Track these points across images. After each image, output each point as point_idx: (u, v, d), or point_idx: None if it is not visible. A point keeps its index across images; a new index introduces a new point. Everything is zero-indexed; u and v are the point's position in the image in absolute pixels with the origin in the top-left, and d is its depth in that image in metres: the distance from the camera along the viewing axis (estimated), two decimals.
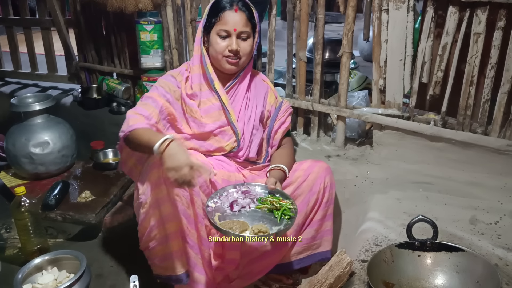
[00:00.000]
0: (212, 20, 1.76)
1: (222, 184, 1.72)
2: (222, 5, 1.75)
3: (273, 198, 1.63)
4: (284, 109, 2.00)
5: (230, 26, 1.73)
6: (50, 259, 1.87)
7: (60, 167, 2.63)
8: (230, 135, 1.83)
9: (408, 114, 2.15)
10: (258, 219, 1.57)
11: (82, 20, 3.22)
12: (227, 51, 1.75)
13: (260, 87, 1.96)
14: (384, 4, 2.05)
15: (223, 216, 1.57)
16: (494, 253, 1.60)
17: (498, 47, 1.87)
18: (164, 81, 1.81)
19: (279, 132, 1.97)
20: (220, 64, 1.79)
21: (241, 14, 1.74)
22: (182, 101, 1.80)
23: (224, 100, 1.81)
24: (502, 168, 1.98)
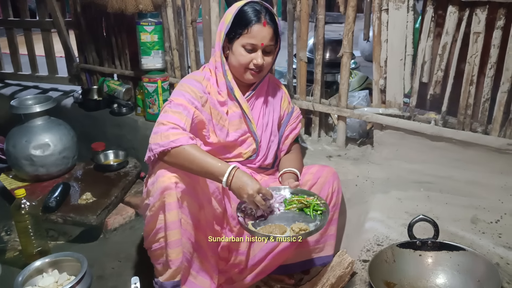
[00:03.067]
0: (237, 30, 1.69)
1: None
2: (250, 17, 1.68)
3: (299, 197, 1.63)
4: (296, 115, 2.00)
5: (258, 41, 1.67)
6: (50, 262, 1.87)
7: (61, 168, 2.63)
8: (250, 143, 1.83)
9: (409, 113, 2.15)
10: (291, 220, 1.55)
11: (83, 21, 3.22)
12: (252, 64, 1.71)
13: (276, 93, 1.95)
14: (384, 4, 2.05)
15: (256, 224, 1.55)
16: (495, 252, 1.61)
17: (497, 46, 1.87)
18: (190, 87, 1.71)
19: (290, 137, 1.97)
20: (241, 75, 1.75)
21: (269, 29, 1.68)
22: (211, 108, 1.75)
23: (245, 109, 1.78)
24: (502, 167, 1.97)
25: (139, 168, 2.77)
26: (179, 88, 1.71)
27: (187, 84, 1.71)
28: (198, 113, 1.66)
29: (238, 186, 1.48)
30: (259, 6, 1.70)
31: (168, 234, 1.55)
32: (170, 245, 1.56)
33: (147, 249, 1.69)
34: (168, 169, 1.54)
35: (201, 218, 1.64)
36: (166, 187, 1.52)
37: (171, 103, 1.64)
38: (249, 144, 1.83)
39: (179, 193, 1.53)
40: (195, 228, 1.62)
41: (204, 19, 2.61)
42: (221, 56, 1.75)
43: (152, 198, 1.56)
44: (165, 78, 2.78)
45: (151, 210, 1.57)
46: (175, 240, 1.55)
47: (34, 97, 2.67)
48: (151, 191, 1.57)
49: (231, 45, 1.72)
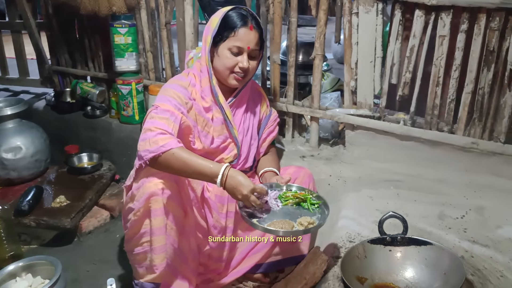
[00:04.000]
0: (224, 33, 1.69)
1: (215, 200, 1.72)
2: (237, 20, 1.69)
3: (293, 193, 1.66)
4: (273, 119, 2.03)
5: (244, 44, 1.68)
6: (24, 266, 1.84)
7: (33, 172, 2.59)
8: (231, 149, 1.84)
9: (379, 114, 2.22)
10: (293, 215, 1.57)
11: (55, 23, 3.18)
12: (237, 67, 1.71)
13: (256, 97, 1.96)
14: (354, 8, 2.11)
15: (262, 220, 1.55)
16: (461, 246, 1.68)
17: (461, 49, 1.96)
18: (176, 92, 1.68)
19: (267, 140, 1.99)
20: (225, 79, 1.74)
21: (255, 33, 1.70)
22: (197, 115, 1.73)
23: (228, 115, 1.77)
24: (467, 165, 2.06)
25: (114, 171, 2.75)
26: (164, 93, 1.68)
27: (173, 90, 1.68)
28: (185, 119, 1.64)
29: (233, 186, 1.49)
30: (245, 11, 1.73)
31: (153, 240, 1.56)
32: (155, 250, 1.57)
33: (127, 252, 1.69)
34: (154, 174, 1.54)
35: (186, 224, 1.65)
36: (152, 193, 1.52)
37: (158, 109, 1.60)
38: (231, 149, 1.83)
39: (165, 199, 1.53)
40: (179, 234, 1.63)
41: (178, 21, 2.62)
42: (207, 60, 1.74)
43: (137, 203, 1.56)
44: (139, 80, 2.78)
45: (135, 215, 1.57)
46: (160, 246, 1.56)
47: (5, 99, 2.62)
48: (136, 195, 1.57)
49: (216, 48, 1.72)
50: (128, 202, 1.62)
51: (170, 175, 1.56)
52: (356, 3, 2.10)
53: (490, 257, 1.61)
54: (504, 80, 1.93)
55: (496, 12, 1.85)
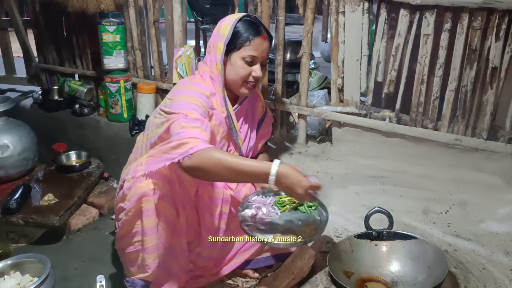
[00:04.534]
0: (237, 42, 1.66)
1: (208, 201, 1.69)
2: (253, 29, 1.67)
3: (286, 197, 1.66)
4: (268, 119, 2.04)
5: (258, 53, 1.67)
6: (12, 264, 1.84)
7: (20, 170, 2.59)
8: None
9: (365, 111, 2.25)
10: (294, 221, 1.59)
11: (42, 20, 3.16)
12: (251, 76, 1.70)
13: (254, 99, 1.95)
14: (341, 7, 2.15)
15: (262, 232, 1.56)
16: (444, 240, 1.72)
17: (445, 48, 2.00)
18: (201, 101, 1.60)
19: (262, 141, 2.02)
20: (237, 88, 1.72)
21: (268, 42, 1.71)
22: (217, 126, 1.69)
23: (235, 124, 1.76)
24: (451, 161, 2.11)
25: (102, 169, 2.75)
26: (187, 100, 1.58)
27: (197, 98, 1.60)
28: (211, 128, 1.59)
29: (290, 184, 1.40)
30: (255, 19, 1.72)
31: (145, 240, 1.57)
32: (147, 250, 1.58)
33: (118, 250, 1.69)
34: (146, 175, 1.54)
35: (177, 224, 1.65)
36: (144, 194, 1.53)
37: (187, 118, 1.49)
38: None
39: (156, 199, 1.54)
40: (171, 233, 1.64)
41: (166, 19, 2.63)
42: (220, 69, 1.69)
43: (128, 203, 1.57)
44: (128, 78, 2.78)
45: (127, 215, 1.58)
46: (152, 246, 1.58)
47: None
48: (127, 195, 1.58)
49: (227, 57, 1.69)
50: (119, 201, 1.63)
51: (162, 175, 1.56)
52: (343, 2, 2.13)
53: (473, 250, 1.65)
54: (486, 78, 1.97)
55: (478, 12, 1.89)
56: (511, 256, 1.62)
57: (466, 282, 1.49)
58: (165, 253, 1.64)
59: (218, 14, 2.33)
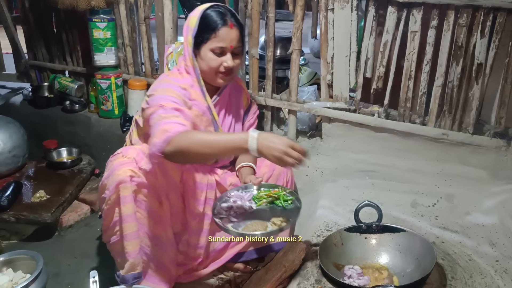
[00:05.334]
0: (204, 35, 1.66)
1: (193, 185, 1.71)
2: (217, 20, 1.66)
3: (266, 192, 1.67)
4: (253, 111, 2.03)
5: (226, 43, 1.66)
6: (4, 260, 1.83)
7: (11, 167, 2.57)
8: None
9: (354, 107, 2.28)
10: (267, 215, 1.58)
11: (31, 17, 3.13)
12: (222, 67, 1.69)
13: (237, 91, 1.94)
14: (330, 4, 2.17)
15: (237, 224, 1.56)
16: (432, 232, 1.76)
17: (432, 44, 2.04)
18: (177, 93, 1.65)
19: None
20: (212, 79, 1.73)
21: (236, 31, 1.68)
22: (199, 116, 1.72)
23: (214, 115, 1.77)
24: (438, 155, 2.15)
25: (93, 165, 2.75)
26: (164, 93, 1.63)
27: (174, 90, 1.65)
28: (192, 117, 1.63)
29: (268, 146, 1.38)
30: (223, 9, 1.70)
31: (123, 227, 1.57)
32: (126, 237, 1.58)
33: (106, 243, 1.71)
34: (124, 164, 1.56)
35: (161, 213, 1.67)
36: (121, 181, 1.54)
37: (165, 108, 1.54)
38: None
39: (134, 186, 1.55)
40: (155, 223, 1.65)
41: (157, 16, 2.63)
42: (193, 61, 1.71)
43: (108, 192, 1.58)
44: (119, 74, 2.78)
45: (107, 204, 1.59)
46: (131, 232, 1.58)
47: None
48: (106, 184, 1.59)
49: (198, 50, 1.69)
50: (101, 192, 1.63)
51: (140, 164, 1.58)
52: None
53: (459, 242, 1.70)
54: (472, 74, 2.01)
55: (464, 9, 1.93)
56: (496, 247, 1.66)
57: (453, 273, 1.53)
58: (151, 243, 1.65)
59: None
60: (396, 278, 1.54)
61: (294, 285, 1.54)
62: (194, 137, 1.44)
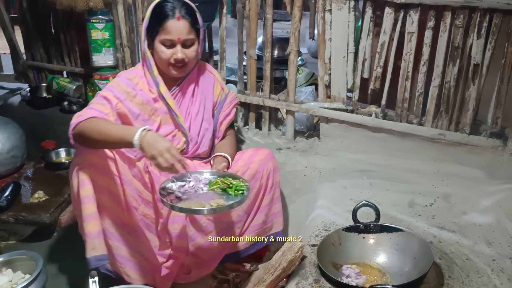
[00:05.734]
0: (155, 27, 1.72)
1: (158, 174, 1.75)
2: (165, 12, 1.70)
3: (224, 179, 1.68)
4: (229, 101, 2.00)
5: (174, 36, 1.70)
6: (3, 261, 1.83)
7: (9, 168, 2.57)
8: (179, 137, 1.85)
9: (352, 107, 2.30)
10: (210, 197, 1.60)
11: (29, 17, 3.13)
12: (172, 59, 1.73)
13: (207, 81, 1.94)
14: (328, 5, 2.18)
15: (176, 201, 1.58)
16: (429, 232, 1.77)
17: (429, 45, 2.05)
18: (118, 82, 1.77)
19: (224, 123, 1.98)
20: (166, 71, 1.79)
21: (184, 22, 1.70)
22: (143, 103, 1.78)
23: (170, 104, 1.80)
24: (435, 155, 2.17)
25: None
26: (109, 84, 1.79)
27: (116, 80, 1.79)
28: (120, 105, 1.71)
29: (149, 143, 1.46)
30: (175, 1, 1.72)
31: (82, 208, 1.58)
32: (85, 218, 1.58)
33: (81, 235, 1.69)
34: (84, 154, 1.60)
35: (129, 200, 1.67)
36: (80, 166, 1.58)
37: (97, 96, 1.72)
38: (179, 138, 1.85)
39: (92, 171, 1.58)
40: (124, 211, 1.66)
41: None
42: (145, 52, 1.79)
43: (71, 181, 1.61)
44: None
45: (72, 192, 1.63)
46: (90, 213, 1.58)
47: None
48: (69, 174, 1.63)
49: (153, 42, 1.75)
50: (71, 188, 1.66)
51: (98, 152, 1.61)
52: (329, 0, 2.16)
53: (457, 241, 1.71)
54: (468, 75, 2.03)
55: (460, 10, 1.94)
56: (493, 246, 1.67)
57: (450, 272, 1.54)
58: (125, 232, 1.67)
59: (207, 12, 2.34)
60: (389, 275, 1.55)
61: (292, 284, 1.54)
62: (93, 124, 1.55)
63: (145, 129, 1.49)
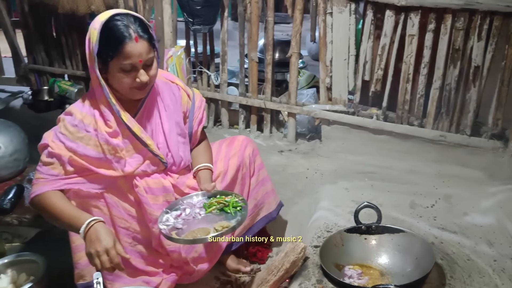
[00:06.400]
0: (108, 52, 1.46)
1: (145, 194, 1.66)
2: (119, 34, 1.46)
3: (218, 199, 1.65)
4: (198, 105, 1.85)
5: (135, 59, 1.48)
6: (8, 262, 1.84)
7: (12, 171, 2.57)
8: (154, 162, 1.71)
9: (353, 109, 2.31)
10: (213, 221, 1.57)
11: (31, 21, 3.16)
12: (135, 83, 1.52)
13: (170, 93, 1.76)
14: (329, 8, 2.20)
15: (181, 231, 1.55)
16: (431, 232, 1.78)
17: (430, 48, 2.07)
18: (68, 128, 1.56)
19: (199, 131, 1.87)
20: (127, 95, 1.57)
21: (143, 42, 1.48)
22: (102, 145, 1.58)
23: (136, 131, 1.61)
24: (436, 156, 2.18)
25: None
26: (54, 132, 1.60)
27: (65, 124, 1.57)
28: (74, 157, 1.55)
29: (90, 239, 1.41)
30: (126, 18, 1.49)
31: (71, 240, 1.62)
32: (74, 249, 1.63)
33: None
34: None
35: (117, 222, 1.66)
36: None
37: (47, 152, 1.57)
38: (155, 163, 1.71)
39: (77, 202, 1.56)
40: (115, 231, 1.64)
41: (156, 20, 2.65)
42: (99, 79, 1.52)
43: None
44: None
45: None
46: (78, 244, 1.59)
47: None
48: None
49: (106, 67, 1.50)
50: None
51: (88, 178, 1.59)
52: (330, 3, 2.18)
53: (458, 242, 1.72)
54: (469, 77, 2.04)
55: (460, 13, 1.96)
56: (494, 247, 1.68)
57: (452, 273, 1.55)
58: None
59: (209, 15, 2.37)
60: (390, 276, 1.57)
61: (295, 285, 1.55)
62: (44, 204, 1.52)
63: (91, 221, 1.43)
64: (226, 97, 2.69)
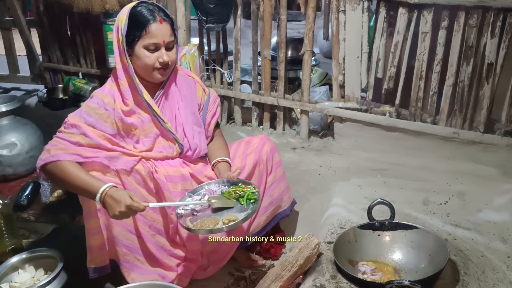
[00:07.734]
0: (135, 32, 1.64)
1: (165, 180, 1.73)
2: (145, 17, 1.64)
3: (236, 188, 1.69)
4: (213, 100, 1.96)
5: (159, 39, 1.65)
6: (26, 258, 1.87)
7: (28, 168, 2.61)
8: (170, 144, 1.80)
9: (366, 107, 2.32)
10: (226, 211, 1.61)
11: (46, 20, 3.19)
12: (158, 63, 1.67)
13: (187, 84, 1.89)
14: (341, 6, 2.20)
15: (193, 219, 1.60)
16: (444, 229, 1.78)
17: (443, 45, 2.07)
18: (89, 105, 1.68)
19: (212, 124, 1.95)
20: (150, 76, 1.71)
21: (166, 25, 1.67)
22: (117, 122, 1.69)
23: (156, 111, 1.73)
24: (449, 153, 2.18)
25: None
26: (81, 108, 1.70)
27: (87, 103, 1.70)
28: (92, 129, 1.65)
29: (109, 205, 1.50)
30: (151, 5, 1.69)
31: (86, 223, 1.66)
32: (88, 232, 1.67)
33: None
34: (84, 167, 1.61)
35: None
36: None
37: (66, 124, 1.66)
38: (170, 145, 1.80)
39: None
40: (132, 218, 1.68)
41: None
42: (126, 59, 1.67)
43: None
44: None
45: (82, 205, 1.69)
46: (93, 228, 1.66)
47: None
48: None
49: (131, 49, 1.67)
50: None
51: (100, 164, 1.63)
52: (343, 1, 2.19)
53: (472, 239, 1.72)
54: (482, 74, 2.04)
55: (474, 10, 1.96)
56: (508, 243, 1.69)
57: (465, 269, 1.55)
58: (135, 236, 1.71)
59: (222, 13, 2.38)
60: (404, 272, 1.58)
61: (310, 280, 1.57)
62: (59, 170, 1.56)
63: (106, 187, 1.51)
64: (239, 95, 2.71)
